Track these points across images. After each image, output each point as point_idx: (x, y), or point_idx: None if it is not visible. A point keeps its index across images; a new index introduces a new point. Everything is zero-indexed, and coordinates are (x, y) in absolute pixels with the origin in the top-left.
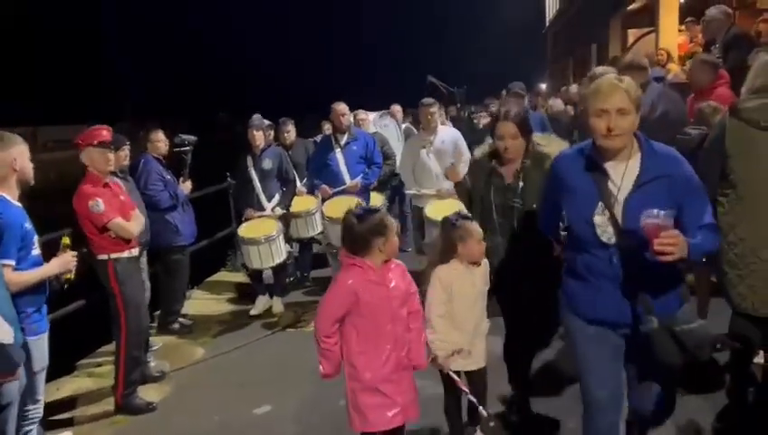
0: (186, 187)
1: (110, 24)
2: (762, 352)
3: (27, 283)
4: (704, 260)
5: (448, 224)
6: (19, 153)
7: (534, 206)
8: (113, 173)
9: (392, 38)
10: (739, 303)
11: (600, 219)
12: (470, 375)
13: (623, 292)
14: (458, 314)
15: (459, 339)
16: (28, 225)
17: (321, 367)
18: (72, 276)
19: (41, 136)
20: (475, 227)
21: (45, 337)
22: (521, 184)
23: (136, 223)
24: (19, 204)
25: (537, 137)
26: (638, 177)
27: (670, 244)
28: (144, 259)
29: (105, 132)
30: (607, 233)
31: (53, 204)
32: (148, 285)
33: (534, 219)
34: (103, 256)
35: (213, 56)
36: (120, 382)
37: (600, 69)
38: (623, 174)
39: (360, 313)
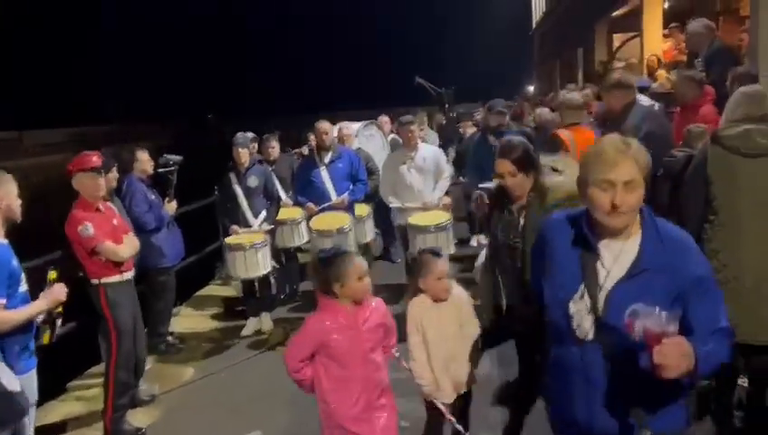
0: (171, 207)
1: (109, 25)
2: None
3: (18, 321)
4: None
5: (416, 256)
6: (7, 192)
7: None
8: None
9: (380, 39)
10: None
11: (577, 307)
12: (456, 401)
13: (602, 399)
14: (428, 348)
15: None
16: (15, 262)
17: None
18: (62, 310)
19: (26, 140)
20: (435, 264)
21: (34, 373)
22: (521, 221)
23: (128, 246)
24: (5, 240)
25: (556, 160)
26: (634, 263)
27: (674, 354)
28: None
29: (95, 158)
30: (583, 325)
31: (36, 207)
32: None
33: None
34: (95, 281)
35: (208, 56)
36: (109, 407)
37: (568, 95)
38: (617, 256)
39: (329, 354)
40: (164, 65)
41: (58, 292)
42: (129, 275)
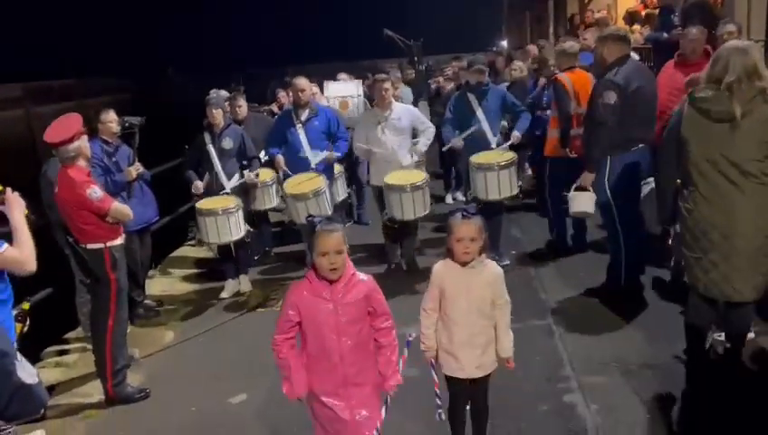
0: (129, 173)
1: None
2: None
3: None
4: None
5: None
6: None
7: None
8: None
9: None
10: (693, 283)
11: None
12: (472, 382)
13: None
14: (449, 316)
15: (447, 341)
16: None
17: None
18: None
19: None
20: (456, 224)
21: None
22: None
23: (126, 205)
24: None
25: None
26: None
27: None
28: None
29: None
30: None
31: None
32: None
33: None
34: (97, 245)
35: (165, 7)
36: (109, 374)
37: (565, 44)
38: None
39: (305, 324)
40: (120, 17)
41: (17, 199)
42: (123, 237)
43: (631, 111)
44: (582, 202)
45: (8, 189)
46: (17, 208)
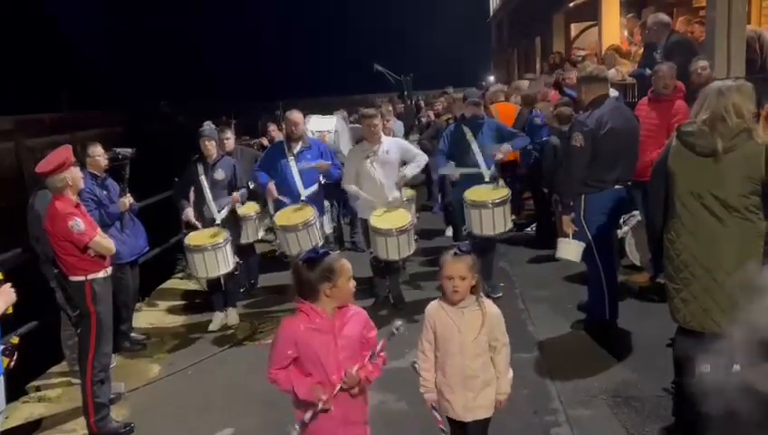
0: (122, 204)
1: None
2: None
3: None
4: None
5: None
6: None
7: None
8: None
9: (337, 25)
10: (674, 315)
11: None
12: (465, 424)
13: None
14: (442, 357)
15: (440, 380)
16: None
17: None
18: (11, 310)
19: None
20: (446, 262)
21: (1, 379)
22: None
23: (110, 240)
24: None
25: None
26: None
27: None
28: None
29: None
30: None
31: None
32: None
33: None
34: (79, 278)
35: (159, 41)
36: (91, 409)
37: (492, 87)
38: None
39: (303, 360)
40: (113, 51)
41: (8, 293)
42: (110, 270)
43: (604, 152)
44: (569, 251)
45: (6, 285)
46: (2, 299)
